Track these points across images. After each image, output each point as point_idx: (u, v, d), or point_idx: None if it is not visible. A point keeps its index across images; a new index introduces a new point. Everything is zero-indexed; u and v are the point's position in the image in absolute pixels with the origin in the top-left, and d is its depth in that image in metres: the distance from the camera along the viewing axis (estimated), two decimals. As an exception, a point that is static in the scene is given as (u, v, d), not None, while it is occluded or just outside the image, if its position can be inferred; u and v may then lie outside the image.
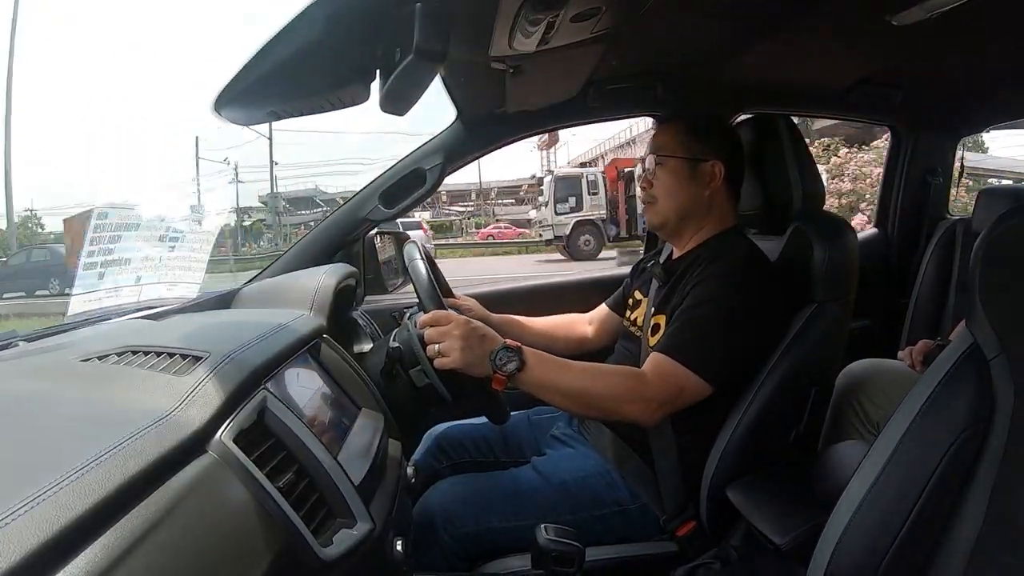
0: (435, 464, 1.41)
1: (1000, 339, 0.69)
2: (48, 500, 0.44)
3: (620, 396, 1.13)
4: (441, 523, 1.19)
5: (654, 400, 1.12)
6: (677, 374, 1.13)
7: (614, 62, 1.41)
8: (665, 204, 1.30)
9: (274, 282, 1.41)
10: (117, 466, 0.50)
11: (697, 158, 1.28)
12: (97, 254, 1.37)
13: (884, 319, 2.04)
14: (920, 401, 0.73)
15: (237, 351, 0.79)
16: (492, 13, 0.88)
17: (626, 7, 1.01)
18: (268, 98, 0.85)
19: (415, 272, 1.21)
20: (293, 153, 74.02)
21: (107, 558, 0.44)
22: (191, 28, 78.13)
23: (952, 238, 1.99)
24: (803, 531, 0.99)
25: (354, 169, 33.52)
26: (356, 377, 1.11)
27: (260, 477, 0.63)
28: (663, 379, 1.13)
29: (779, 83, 1.68)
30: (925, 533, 0.71)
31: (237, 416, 0.68)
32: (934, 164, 2.06)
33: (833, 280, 1.21)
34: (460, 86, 1.40)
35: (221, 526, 0.57)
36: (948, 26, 1.12)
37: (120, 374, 0.72)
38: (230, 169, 24.83)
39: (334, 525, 0.74)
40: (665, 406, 1.13)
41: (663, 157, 1.30)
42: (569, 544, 1.01)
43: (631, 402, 1.12)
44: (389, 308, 1.67)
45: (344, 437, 0.94)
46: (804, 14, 1.18)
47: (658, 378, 1.13)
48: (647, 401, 1.12)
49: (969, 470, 0.70)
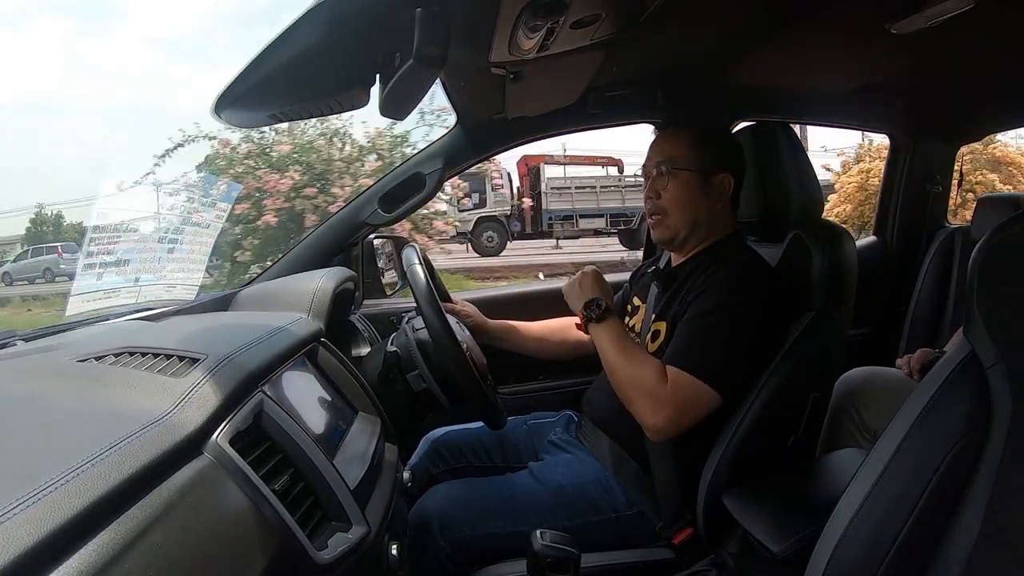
0: (432, 468, 1.40)
1: (998, 348, 0.68)
2: (44, 500, 0.44)
3: (641, 387, 1.15)
4: (437, 527, 1.18)
5: (667, 405, 1.12)
6: (691, 386, 1.13)
7: (614, 68, 1.41)
8: (677, 218, 1.28)
9: (272, 285, 1.41)
10: (113, 467, 0.50)
11: (710, 171, 1.27)
12: (96, 255, 1.38)
13: (882, 327, 2.05)
14: (917, 409, 0.73)
15: (234, 353, 0.78)
16: (492, 18, 0.88)
17: (626, 14, 1.01)
18: (268, 101, 0.86)
19: (413, 277, 1.21)
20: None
21: (102, 558, 0.44)
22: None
23: (951, 246, 2.00)
24: (799, 539, 0.99)
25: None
26: (353, 381, 1.11)
27: (256, 480, 0.63)
28: (676, 389, 1.13)
29: (778, 90, 1.68)
30: (921, 541, 0.71)
31: (233, 418, 0.68)
32: (933, 172, 2.06)
33: (832, 288, 1.21)
34: (460, 91, 1.40)
35: (216, 528, 0.57)
36: (947, 35, 1.12)
37: (117, 375, 0.72)
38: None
39: (329, 528, 0.74)
40: (675, 415, 1.13)
41: (677, 170, 1.27)
42: (565, 550, 1.01)
43: (646, 399, 1.14)
44: (387, 312, 1.67)
45: (341, 441, 0.94)
46: (804, 22, 1.19)
47: (672, 388, 1.13)
48: (660, 403, 1.13)
49: (966, 478, 0.69)
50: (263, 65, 0.76)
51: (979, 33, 1.21)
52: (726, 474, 1.17)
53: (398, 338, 1.27)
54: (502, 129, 1.67)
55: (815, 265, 1.21)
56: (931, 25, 1.10)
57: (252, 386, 0.75)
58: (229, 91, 0.79)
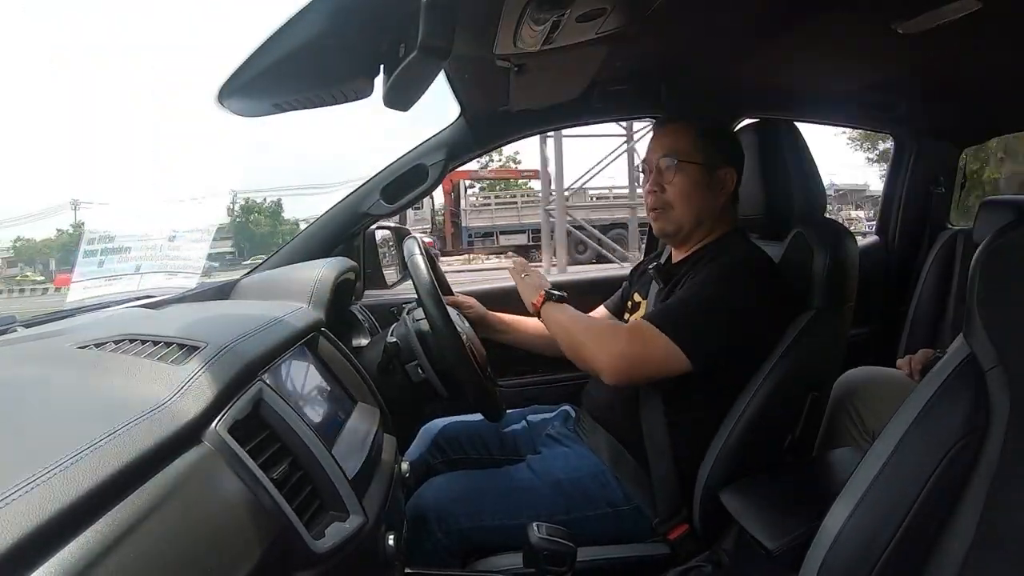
0: (430, 460, 1.41)
1: (997, 351, 0.69)
2: (41, 486, 0.44)
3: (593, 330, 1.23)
4: (434, 519, 1.19)
5: (620, 340, 1.16)
6: (654, 336, 1.14)
7: (618, 63, 1.40)
8: (682, 211, 1.28)
9: (273, 274, 1.42)
10: (111, 454, 0.50)
11: (715, 165, 1.27)
12: (97, 241, 1.38)
13: (883, 327, 2.04)
14: (916, 410, 0.73)
15: (234, 342, 0.79)
16: (497, 11, 0.88)
17: (632, 8, 1.00)
18: (272, 90, 0.85)
19: (415, 268, 1.21)
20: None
21: (100, 545, 0.44)
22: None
23: (953, 248, 1.99)
24: (795, 536, 0.99)
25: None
26: (353, 371, 1.11)
27: (254, 468, 0.63)
28: (633, 330, 1.18)
29: (782, 88, 1.67)
30: (917, 542, 0.71)
31: (232, 407, 0.68)
32: (937, 173, 2.05)
33: (833, 287, 1.21)
34: (464, 83, 1.40)
35: (214, 516, 0.57)
36: (954, 35, 1.11)
37: (117, 362, 0.72)
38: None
39: (326, 518, 0.74)
40: (627, 350, 1.15)
41: (683, 163, 1.27)
42: (562, 543, 1.01)
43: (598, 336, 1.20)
44: (388, 303, 1.68)
45: (339, 431, 0.94)
46: (811, 20, 1.18)
47: (629, 328, 1.19)
48: (614, 339, 1.17)
49: (963, 480, 0.70)
50: (267, 54, 0.76)
51: (986, 34, 1.21)
52: (723, 471, 1.17)
53: (398, 329, 1.27)
54: (505, 122, 1.67)
55: (816, 264, 1.21)
56: (937, 26, 1.10)
57: (251, 375, 0.75)
58: (233, 80, 0.78)
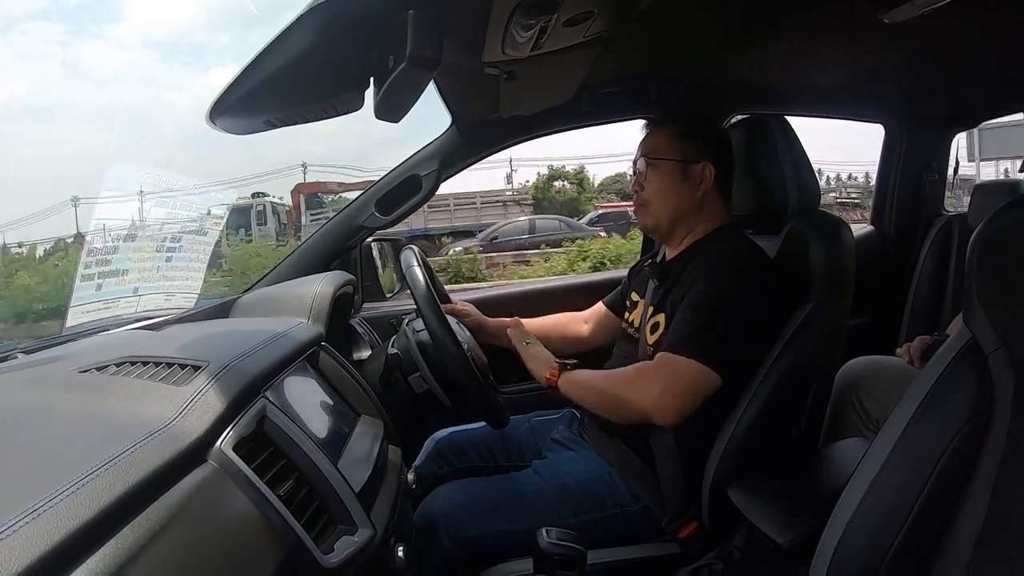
0: (436, 470, 1.41)
1: (998, 333, 0.69)
2: (49, 511, 0.44)
3: (622, 381, 1.21)
4: (443, 528, 1.18)
5: (654, 380, 1.16)
6: (683, 366, 1.14)
7: (608, 65, 1.41)
8: (658, 206, 1.31)
9: (272, 291, 1.41)
10: (118, 476, 0.50)
11: (688, 160, 1.29)
12: (94, 265, 1.37)
13: (882, 316, 2.05)
14: (919, 397, 0.73)
15: (236, 360, 0.79)
16: (485, 19, 0.88)
17: (618, 10, 1.01)
18: (263, 107, 0.86)
19: (412, 279, 1.22)
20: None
21: (109, 569, 0.44)
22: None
23: (948, 234, 2.00)
24: (805, 530, 0.99)
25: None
26: (355, 384, 1.11)
27: (260, 485, 0.63)
28: (660, 368, 1.17)
29: (772, 83, 1.68)
30: (927, 528, 0.71)
31: (237, 425, 0.68)
32: (928, 160, 2.07)
33: (830, 279, 1.21)
34: (454, 92, 1.40)
35: (222, 535, 0.57)
36: (940, 23, 1.12)
37: (119, 385, 0.72)
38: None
39: (335, 532, 0.74)
40: (666, 387, 1.15)
41: (654, 160, 1.30)
42: (571, 547, 1.01)
43: (632, 384, 1.19)
44: (387, 315, 1.68)
45: (344, 444, 0.94)
46: (797, 14, 1.19)
47: (656, 369, 1.17)
48: (647, 381, 1.17)
49: (970, 464, 0.69)
50: (257, 71, 0.76)
51: (971, 20, 1.22)
52: (730, 467, 1.17)
53: (399, 340, 1.27)
54: (497, 129, 1.67)
55: (813, 256, 1.21)
56: (923, 13, 1.10)
57: (254, 392, 0.75)
58: (223, 98, 0.79)
